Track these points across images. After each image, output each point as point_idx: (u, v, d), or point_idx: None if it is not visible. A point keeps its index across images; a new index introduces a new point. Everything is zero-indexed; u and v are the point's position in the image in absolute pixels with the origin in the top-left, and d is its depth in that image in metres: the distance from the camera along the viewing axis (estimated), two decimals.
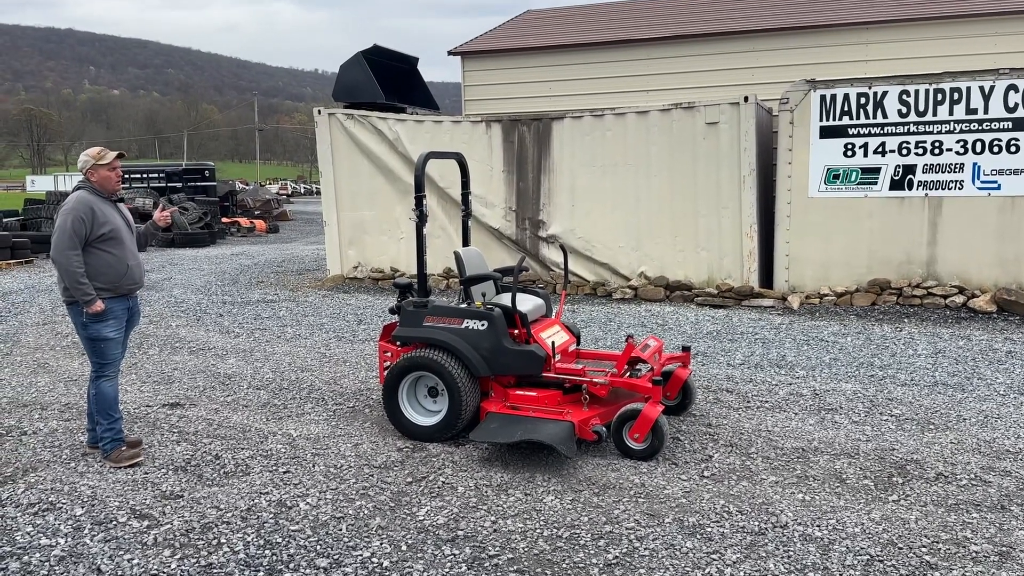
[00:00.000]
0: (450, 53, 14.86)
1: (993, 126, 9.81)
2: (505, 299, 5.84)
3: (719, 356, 8.22)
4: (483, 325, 5.46)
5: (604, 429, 5.25)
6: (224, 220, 26.87)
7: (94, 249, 5.03)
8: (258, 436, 5.77)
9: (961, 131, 9.95)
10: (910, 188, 10.26)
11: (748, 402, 6.59)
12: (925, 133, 10.10)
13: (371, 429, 5.90)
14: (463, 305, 5.64)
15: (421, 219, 5.71)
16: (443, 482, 4.86)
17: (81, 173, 5.14)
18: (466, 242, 6.61)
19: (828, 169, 10.57)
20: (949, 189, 10.09)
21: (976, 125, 9.88)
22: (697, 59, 12.60)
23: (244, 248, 21.41)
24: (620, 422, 5.22)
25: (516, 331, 5.56)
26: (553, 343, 5.59)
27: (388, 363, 6.06)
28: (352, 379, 7.38)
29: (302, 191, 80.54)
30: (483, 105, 13.98)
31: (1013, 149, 9.76)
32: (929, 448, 5.45)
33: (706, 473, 5.02)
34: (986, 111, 9.82)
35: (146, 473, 5.06)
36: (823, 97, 10.46)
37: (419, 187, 5.70)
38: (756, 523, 4.31)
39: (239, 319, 10.48)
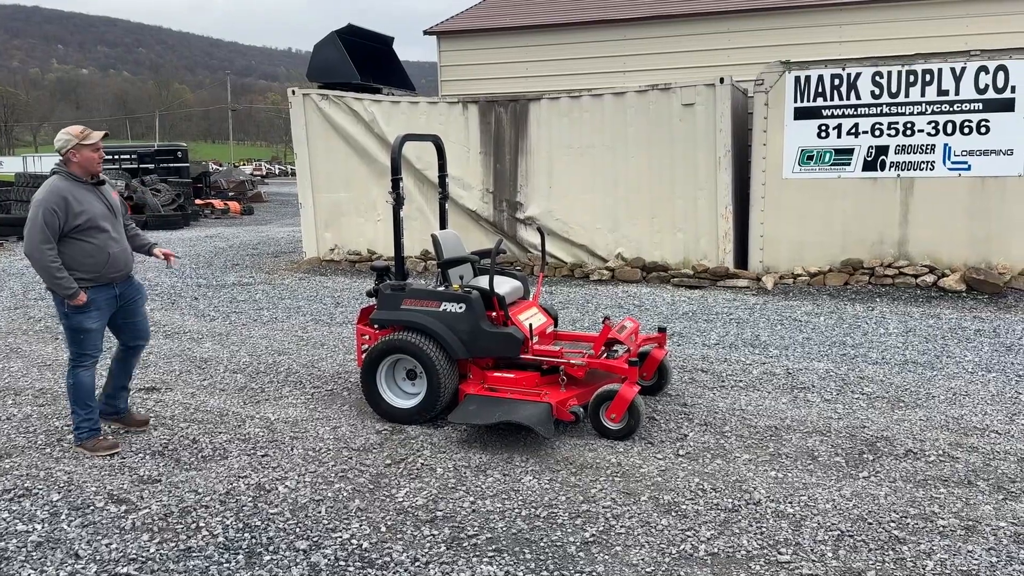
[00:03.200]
0: (426, 32, 14.77)
1: (964, 107, 9.93)
2: (483, 282, 5.86)
3: (694, 336, 8.30)
4: (461, 308, 5.48)
5: (581, 410, 5.30)
6: (197, 202, 26.62)
7: (71, 239, 4.83)
8: (235, 420, 5.77)
9: (933, 112, 10.06)
10: (882, 169, 10.37)
11: (723, 382, 6.67)
12: (897, 114, 10.20)
13: (349, 412, 5.91)
14: (441, 288, 5.65)
15: (398, 202, 5.71)
16: (422, 464, 4.89)
17: (59, 154, 4.84)
18: (443, 224, 6.61)
19: (802, 150, 10.66)
20: (921, 170, 10.21)
21: (947, 106, 9.99)
22: (673, 40, 12.61)
23: (218, 230, 21.22)
24: (597, 403, 5.27)
25: (494, 314, 5.58)
26: (531, 325, 5.62)
27: (366, 346, 6.06)
28: (330, 362, 7.38)
29: (276, 172, 79.78)
30: (460, 85, 13.93)
31: (983, 130, 9.89)
32: (899, 425, 5.56)
33: (681, 452, 5.09)
34: (957, 92, 9.94)
35: (123, 458, 5.04)
36: (797, 78, 10.52)
37: (395, 170, 5.69)
38: (730, 500, 4.39)
39: (214, 302, 10.42)
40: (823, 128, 10.52)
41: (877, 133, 10.32)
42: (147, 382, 6.76)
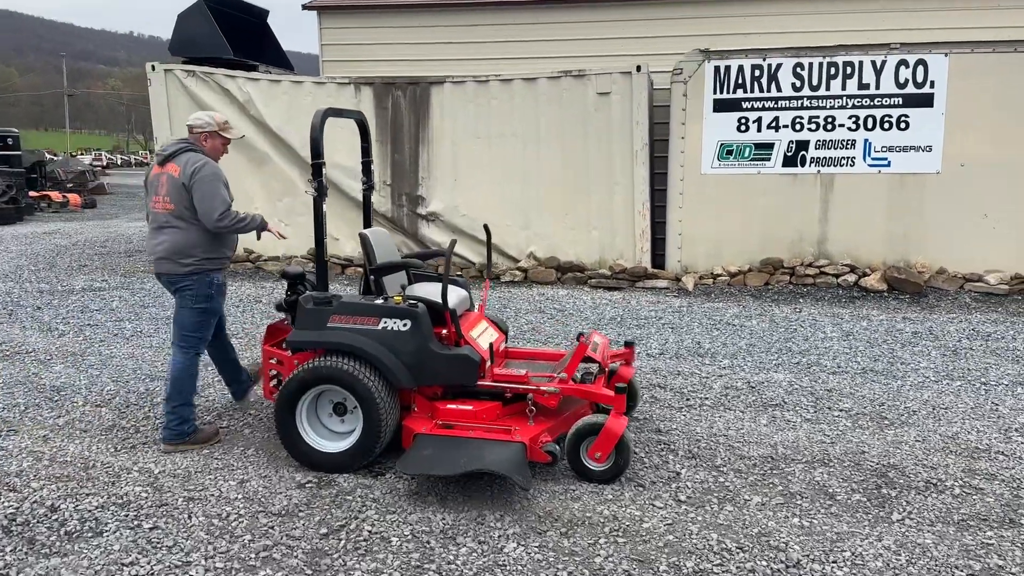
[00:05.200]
0: (305, 7, 13.33)
1: (884, 102, 9.68)
2: (421, 291, 4.81)
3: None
4: (405, 325, 4.40)
5: (557, 448, 4.35)
6: (32, 194, 23.71)
7: None
8: (107, 474, 4.44)
9: (853, 106, 9.76)
10: (803, 165, 10.00)
11: (687, 399, 5.90)
12: (818, 108, 9.84)
13: (257, 458, 4.69)
14: (379, 301, 4.53)
15: (320, 192, 4.54)
16: (369, 531, 3.79)
17: (190, 130, 4.81)
18: (368, 222, 5.49)
19: (722, 144, 10.13)
20: (841, 166, 9.90)
21: (868, 101, 9.72)
22: (588, 26, 11.77)
23: (58, 226, 18.82)
24: (577, 438, 4.33)
25: (444, 331, 4.54)
26: (491, 345, 4.62)
27: (276, 372, 4.88)
28: (220, 388, 6.05)
29: (119, 162, 74.25)
30: (344, 67, 12.55)
31: (903, 126, 9.67)
32: (899, 449, 4.95)
33: (681, 496, 4.23)
34: (878, 86, 9.67)
35: None
36: (717, 68, 9.98)
37: (317, 152, 4.52)
38: (764, 562, 3.56)
39: (62, 312, 8.73)
40: (743, 121, 10.03)
41: (798, 127, 9.93)
42: None
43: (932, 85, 9.54)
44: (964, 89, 9.45)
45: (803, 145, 9.95)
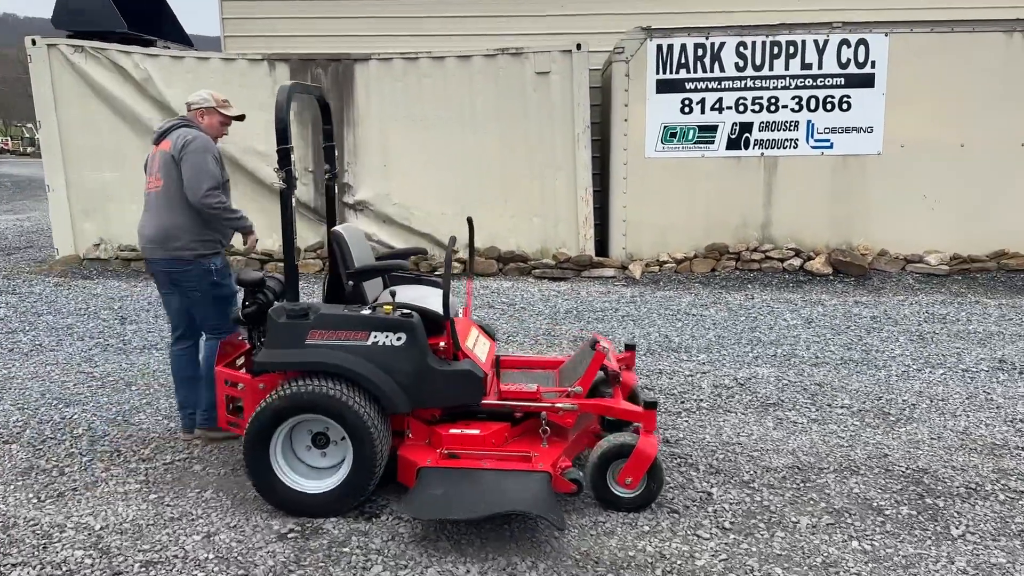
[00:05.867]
0: None
1: (827, 82, 9.51)
2: (406, 296, 4.15)
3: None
4: (399, 339, 3.73)
5: (580, 474, 3.79)
6: None
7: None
8: (35, 535, 3.59)
9: (796, 87, 9.55)
10: (747, 147, 9.74)
11: (682, 402, 5.46)
12: (762, 89, 9.59)
13: (218, 501, 3.93)
14: (366, 311, 3.83)
15: (289, 183, 3.82)
16: None
17: (187, 108, 4.58)
18: (333, 218, 4.76)
19: (665, 127, 9.75)
20: (784, 148, 9.70)
21: (811, 81, 9.53)
22: (525, 3, 11.12)
23: None
24: (604, 462, 3.79)
25: (441, 343, 3.90)
26: (497, 358, 4.01)
27: (232, 397, 4.12)
28: (151, 413, 5.19)
29: None
30: (250, 44, 11.46)
31: (845, 107, 9.54)
32: (918, 450, 4.65)
33: (723, 523, 3.76)
34: (820, 66, 9.50)
35: None
36: (660, 47, 9.58)
37: (283, 136, 3.81)
38: None
39: None
40: (686, 103, 9.68)
41: (741, 109, 9.65)
42: None
43: (873, 65, 9.44)
44: (904, 69, 9.38)
45: (747, 127, 9.69)
